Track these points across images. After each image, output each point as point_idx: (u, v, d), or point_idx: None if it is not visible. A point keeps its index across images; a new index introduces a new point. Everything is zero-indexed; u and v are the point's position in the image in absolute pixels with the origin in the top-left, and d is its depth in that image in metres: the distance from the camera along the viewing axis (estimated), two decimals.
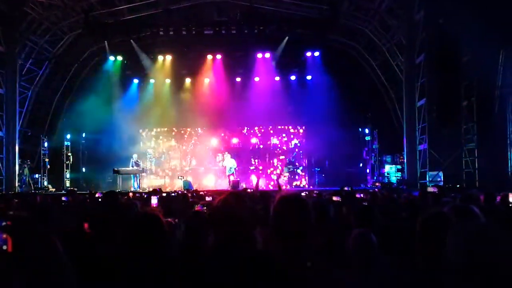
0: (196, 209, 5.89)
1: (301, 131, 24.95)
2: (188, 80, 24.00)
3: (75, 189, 21.29)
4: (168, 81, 23.90)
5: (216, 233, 3.20)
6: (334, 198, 7.12)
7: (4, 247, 1.36)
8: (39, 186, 21.42)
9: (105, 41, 22.02)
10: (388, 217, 5.25)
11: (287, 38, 21.89)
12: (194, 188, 18.98)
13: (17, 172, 19.67)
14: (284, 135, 25.08)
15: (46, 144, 22.60)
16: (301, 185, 23.42)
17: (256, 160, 24.79)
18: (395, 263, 3.28)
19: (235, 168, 22.22)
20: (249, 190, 13.37)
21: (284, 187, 22.65)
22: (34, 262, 1.38)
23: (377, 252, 3.45)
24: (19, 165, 19.96)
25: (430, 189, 7.99)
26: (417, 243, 3.06)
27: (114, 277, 2.75)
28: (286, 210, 2.92)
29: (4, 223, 1.37)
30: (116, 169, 20.82)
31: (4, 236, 1.35)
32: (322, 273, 2.70)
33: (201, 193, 13.19)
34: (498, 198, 6.76)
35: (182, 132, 25.05)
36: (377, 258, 3.41)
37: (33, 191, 19.65)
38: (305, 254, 2.72)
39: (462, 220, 3.16)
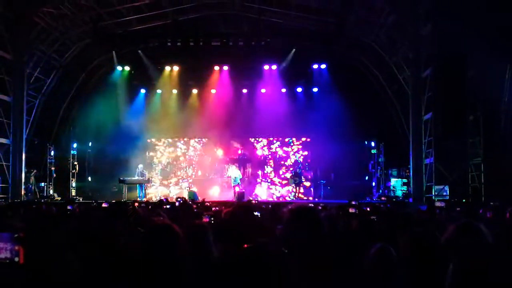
0: (203, 220, 5.89)
1: (307, 142, 24.87)
2: (195, 91, 24.05)
3: (80, 198, 21.44)
4: (175, 91, 23.98)
5: (224, 244, 3.20)
6: (350, 210, 7.09)
7: (16, 259, 1.36)
8: (45, 194, 21.44)
9: (113, 51, 22.16)
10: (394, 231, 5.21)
11: (294, 50, 21.97)
12: (200, 199, 18.98)
13: (23, 180, 19.69)
14: (290, 147, 25.04)
15: (52, 153, 22.64)
16: (306, 198, 23.32)
17: (261, 171, 24.75)
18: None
19: (240, 179, 22.22)
20: (253, 202, 13.38)
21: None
22: (46, 274, 1.39)
23: (396, 267, 3.43)
24: (25, 173, 19.99)
25: (437, 204, 7.98)
26: (405, 262, 3.06)
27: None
28: (297, 222, 2.93)
29: (16, 235, 1.37)
30: (121, 178, 20.85)
31: (17, 248, 1.36)
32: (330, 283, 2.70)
33: (206, 203, 13.20)
34: (508, 215, 6.71)
35: (188, 142, 25.06)
36: (396, 273, 3.39)
37: (39, 199, 19.65)
38: (315, 264, 2.72)
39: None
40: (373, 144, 23.73)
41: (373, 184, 23.61)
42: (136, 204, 12.82)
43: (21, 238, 1.43)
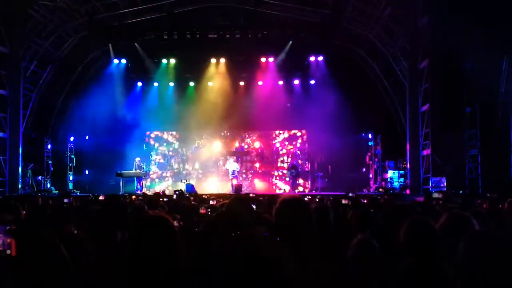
0: (201, 211, 5.89)
1: (304, 136, 24.89)
2: (191, 84, 24.01)
3: (77, 191, 21.41)
4: (171, 84, 23.94)
5: (222, 238, 3.20)
6: (343, 201, 7.11)
7: (8, 252, 1.35)
8: (42, 188, 21.41)
9: (109, 44, 22.08)
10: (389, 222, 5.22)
11: (290, 42, 21.92)
12: (197, 191, 18.99)
13: (20, 174, 19.65)
14: (287, 140, 25.05)
15: (49, 147, 22.61)
16: (304, 190, 23.34)
17: (259, 164, 24.77)
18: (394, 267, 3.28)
19: (237, 172, 22.23)
20: (251, 195, 13.37)
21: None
22: (38, 267, 1.38)
23: (378, 258, 3.44)
24: (23, 167, 19.95)
25: (435, 195, 8.01)
26: (403, 249, 3.08)
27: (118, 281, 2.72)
28: (287, 212, 2.95)
29: (8, 227, 1.36)
30: (119, 172, 20.83)
31: (9, 240, 1.35)
32: (320, 274, 2.70)
33: (204, 196, 13.21)
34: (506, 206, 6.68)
35: (185, 135, 25.02)
36: (378, 264, 3.40)
37: (37, 193, 19.62)
38: (305, 255, 2.72)
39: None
40: (370, 136, 23.74)
41: (370, 176, 23.65)
42: (134, 197, 12.84)
43: (12, 230, 1.42)
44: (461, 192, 16.11)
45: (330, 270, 2.80)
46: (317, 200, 10.14)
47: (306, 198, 9.83)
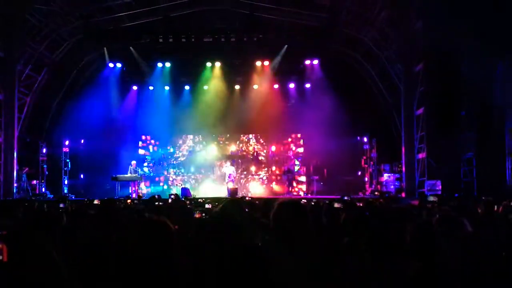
0: (196, 216, 5.89)
1: (301, 141, 24.92)
2: (187, 87, 24.00)
3: (72, 196, 21.33)
4: (167, 88, 23.92)
5: (215, 241, 3.20)
6: (336, 205, 7.11)
7: (0, 257, 1.34)
8: (37, 192, 21.32)
9: (104, 48, 22.05)
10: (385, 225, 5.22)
11: (286, 46, 21.94)
12: (192, 195, 18.96)
13: (15, 178, 19.56)
14: (282, 143, 25.06)
15: (44, 150, 22.53)
16: (298, 193, 23.33)
17: (255, 168, 24.77)
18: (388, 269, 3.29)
19: (233, 176, 22.21)
20: (247, 198, 13.38)
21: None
22: (30, 273, 1.37)
23: (365, 260, 3.45)
24: (17, 171, 19.85)
25: (430, 198, 8.02)
26: (408, 250, 3.09)
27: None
28: (284, 215, 2.96)
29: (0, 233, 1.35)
30: (114, 176, 20.78)
31: (0, 246, 1.33)
32: (318, 275, 2.71)
33: (199, 200, 13.19)
34: (501, 209, 6.71)
35: (181, 139, 25.01)
36: (365, 266, 3.41)
37: (32, 197, 19.54)
38: (301, 257, 2.73)
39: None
40: (365, 139, 23.78)
41: (366, 179, 23.67)
42: (129, 201, 12.80)
43: (4, 236, 1.41)
44: (456, 195, 16.12)
45: (328, 271, 2.81)
46: (312, 203, 10.12)
47: (301, 202, 9.81)
